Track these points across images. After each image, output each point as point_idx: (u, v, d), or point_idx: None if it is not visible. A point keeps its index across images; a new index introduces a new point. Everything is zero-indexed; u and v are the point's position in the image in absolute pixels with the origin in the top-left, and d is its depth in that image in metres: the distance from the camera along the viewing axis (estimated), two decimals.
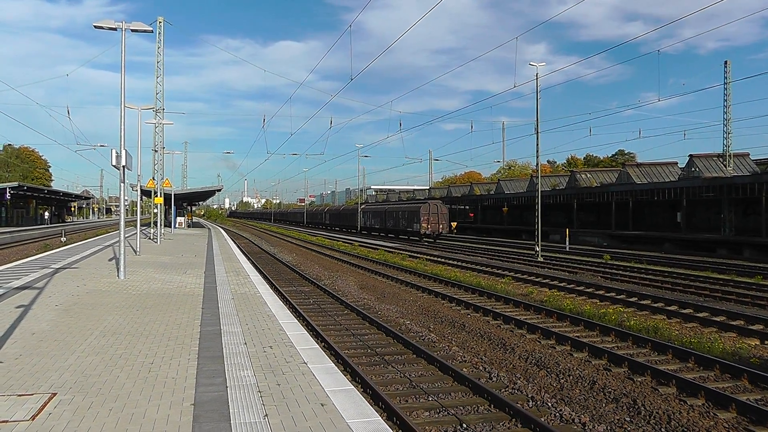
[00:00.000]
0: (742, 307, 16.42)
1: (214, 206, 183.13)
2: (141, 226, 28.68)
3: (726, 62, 45.94)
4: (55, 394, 6.04)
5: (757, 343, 12.49)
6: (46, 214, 79.96)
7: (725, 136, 45.44)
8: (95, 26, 16.75)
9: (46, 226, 71.35)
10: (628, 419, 8.13)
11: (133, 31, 17.05)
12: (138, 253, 25.00)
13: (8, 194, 55.78)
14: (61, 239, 41.33)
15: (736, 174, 41.27)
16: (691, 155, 43.93)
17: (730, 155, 44.37)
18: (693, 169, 42.91)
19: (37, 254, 26.48)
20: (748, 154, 45.36)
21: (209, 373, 6.94)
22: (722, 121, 46.08)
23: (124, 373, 6.87)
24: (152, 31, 17.80)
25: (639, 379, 9.69)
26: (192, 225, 72.76)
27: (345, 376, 7.60)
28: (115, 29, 16.91)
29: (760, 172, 39.30)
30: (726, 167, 43.42)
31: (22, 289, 13.53)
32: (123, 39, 16.91)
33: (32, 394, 6.03)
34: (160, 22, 41.34)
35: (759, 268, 24.97)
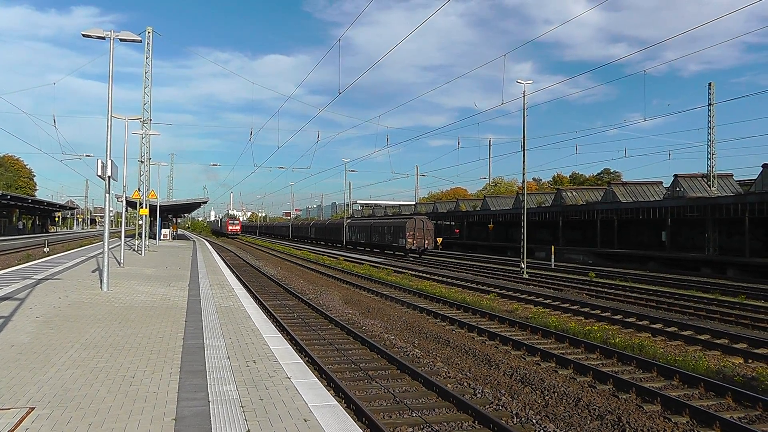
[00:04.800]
0: (726, 326, 16.53)
1: (200, 218, 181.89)
2: (125, 237, 28.38)
3: (710, 84, 46.60)
4: (33, 409, 5.91)
5: (741, 361, 12.56)
6: (20, 224, 78.97)
7: (709, 156, 46.03)
8: (84, 35, 16.67)
9: (26, 236, 70.45)
10: None
11: (121, 40, 16.98)
12: (122, 265, 24.73)
13: None
14: (44, 249, 40.82)
15: (719, 194, 41.74)
16: (675, 175, 44.36)
17: (714, 176, 44.88)
18: (678, 189, 43.36)
19: (18, 264, 26.12)
20: (732, 175, 45.91)
21: (191, 387, 6.84)
22: (706, 142, 46.70)
23: (104, 387, 6.75)
24: (141, 41, 17.74)
25: (624, 397, 9.69)
26: (177, 237, 72.22)
27: (329, 391, 7.53)
28: (103, 38, 16.83)
29: (743, 193, 39.78)
30: (710, 187, 43.89)
31: (2, 300, 13.30)
32: (111, 48, 16.86)
33: (9, 409, 5.89)
34: (149, 33, 41.35)
35: (742, 288, 25.19)
